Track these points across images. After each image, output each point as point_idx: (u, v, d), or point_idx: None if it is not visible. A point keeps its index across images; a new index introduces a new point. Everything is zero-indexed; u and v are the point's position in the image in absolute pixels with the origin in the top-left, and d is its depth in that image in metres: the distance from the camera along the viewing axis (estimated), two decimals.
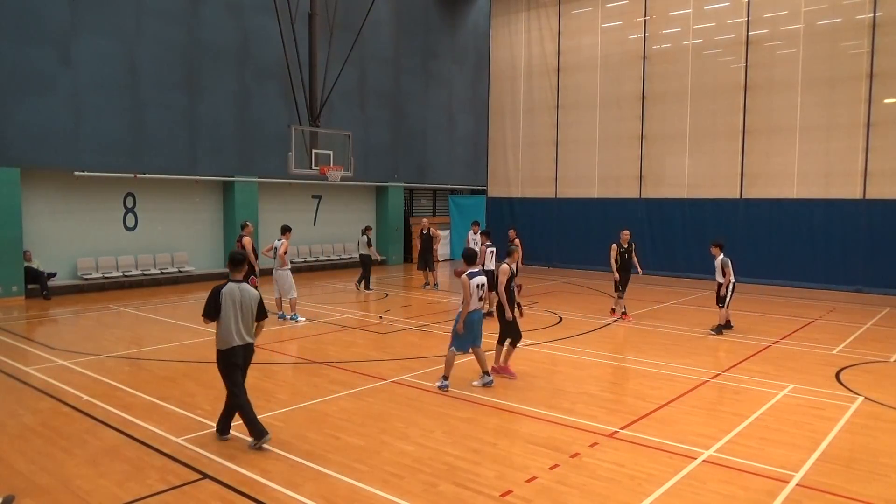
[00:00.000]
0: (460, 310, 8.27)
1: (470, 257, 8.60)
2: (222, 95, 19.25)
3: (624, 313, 13.47)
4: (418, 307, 15.12)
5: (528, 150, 24.01)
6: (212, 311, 6.38)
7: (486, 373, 8.51)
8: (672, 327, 12.58)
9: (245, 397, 6.49)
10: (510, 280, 8.70)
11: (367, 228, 17.66)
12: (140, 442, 6.51)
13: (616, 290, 13.47)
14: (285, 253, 13.08)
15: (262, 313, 6.65)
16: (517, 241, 16.27)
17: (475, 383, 8.48)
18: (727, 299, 11.81)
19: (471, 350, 8.43)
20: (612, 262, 13.34)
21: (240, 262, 6.72)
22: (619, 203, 21.58)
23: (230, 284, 6.50)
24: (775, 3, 18.54)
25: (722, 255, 11.93)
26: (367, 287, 17.46)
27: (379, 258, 18.21)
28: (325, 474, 5.76)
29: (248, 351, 6.57)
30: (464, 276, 8.24)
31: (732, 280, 11.81)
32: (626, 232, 13.53)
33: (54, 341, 11.20)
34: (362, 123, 23.00)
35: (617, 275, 13.32)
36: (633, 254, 13.48)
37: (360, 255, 17.41)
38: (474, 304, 8.25)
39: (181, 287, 17.86)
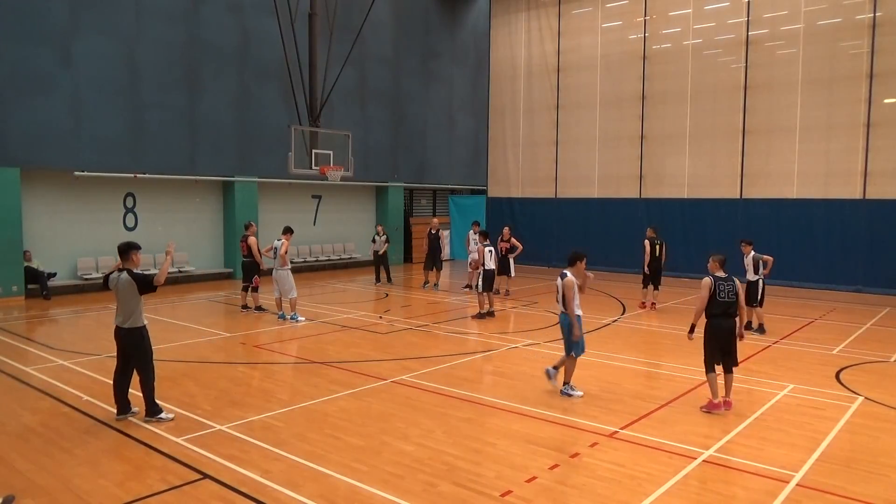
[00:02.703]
0: (562, 312, 8.04)
1: (572, 259, 8.19)
2: (222, 95, 19.25)
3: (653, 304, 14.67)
4: (418, 307, 15.12)
5: (528, 150, 24.00)
6: (104, 286, 7.26)
7: (556, 367, 8.27)
8: (672, 327, 12.58)
9: (115, 377, 7.18)
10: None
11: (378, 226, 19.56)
12: (140, 442, 6.51)
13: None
14: (285, 253, 13.11)
15: (144, 288, 7.04)
16: (513, 239, 16.41)
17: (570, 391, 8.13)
18: (758, 297, 11.79)
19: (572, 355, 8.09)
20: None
21: (123, 252, 7.15)
22: (619, 203, 21.58)
23: (115, 272, 7.14)
24: (775, 3, 18.54)
25: (753, 253, 11.92)
26: (388, 280, 18.90)
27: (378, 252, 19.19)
28: (325, 474, 5.76)
29: (122, 335, 7.11)
30: (568, 277, 7.98)
31: (762, 278, 11.89)
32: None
33: (54, 341, 11.20)
34: (362, 123, 23.00)
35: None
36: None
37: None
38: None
39: (181, 287, 17.85)
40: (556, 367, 8.29)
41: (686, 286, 18.52)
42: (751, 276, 11.88)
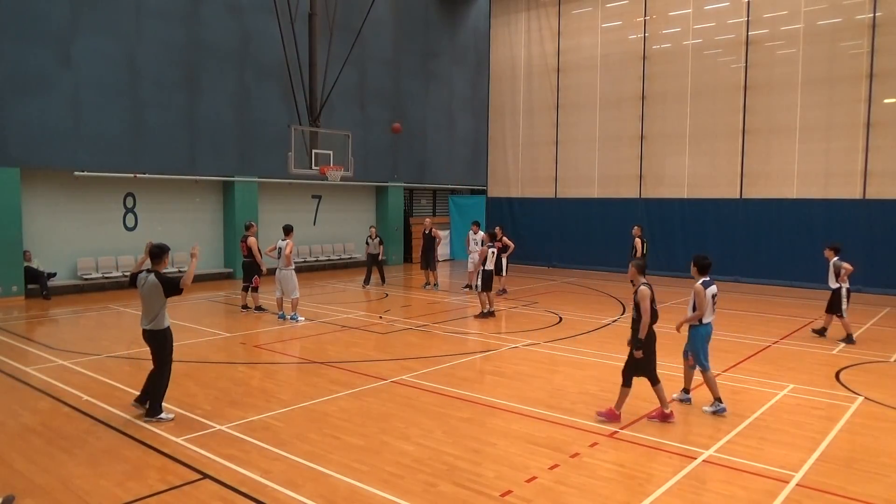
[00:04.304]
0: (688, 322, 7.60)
1: (703, 266, 7.63)
2: (222, 95, 19.24)
3: None
4: (418, 307, 15.12)
5: (528, 150, 24.01)
6: (130, 285, 7.31)
7: (685, 390, 7.79)
8: (672, 327, 12.54)
9: (151, 374, 7.25)
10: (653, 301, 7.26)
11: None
12: (140, 442, 6.50)
13: None
14: (290, 253, 13.10)
15: (170, 290, 7.02)
16: (505, 238, 16.41)
17: (674, 396, 7.78)
18: (841, 305, 11.15)
19: (687, 363, 7.75)
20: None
21: (156, 255, 7.16)
22: (619, 203, 21.58)
23: (142, 273, 7.17)
24: (775, 3, 18.54)
25: (836, 259, 11.24)
26: (382, 280, 18.75)
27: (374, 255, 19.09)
28: (325, 474, 5.76)
29: (146, 335, 7.18)
30: (697, 284, 7.52)
31: (846, 285, 11.18)
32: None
33: (54, 341, 11.20)
34: (362, 123, 23.00)
35: None
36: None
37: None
38: (710, 316, 7.57)
39: None
40: (719, 397, 7.54)
41: (686, 286, 18.51)
42: (832, 284, 11.28)
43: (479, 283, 13.67)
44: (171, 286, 7.00)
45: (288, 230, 13.32)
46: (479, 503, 5.23)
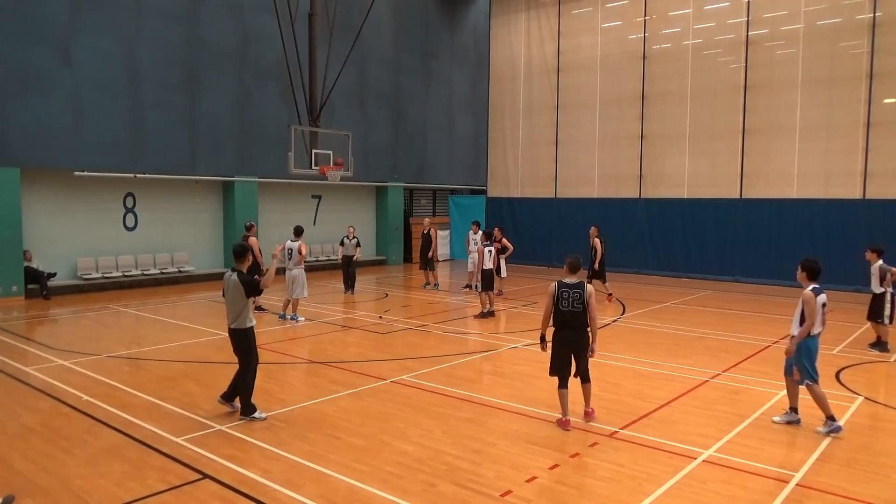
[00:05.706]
0: (793, 333, 7.13)
1: (814, 270, 7.13)
2: (222, 95, 19.24)
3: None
4: (418, 307, 15.13)
5: (528, 150, 24.01)
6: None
7: (793, 409, 7.09)
8: (672, 327, 12.58)
9: (236, 374, 7.34)
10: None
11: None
12: (140, 442, 6.50)
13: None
14: (304, 253, 13.25)
15: (251, 291, 7.09)
16: (504, 239, 16.38)
17: (777, 419, 7.13)
18: (885, 311, 10.44)
19: (792, 379, 7.16)
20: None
21: (239, 255, 7.24)
22: (619, 203, 21.59)
23: (228, 272, 7.25)
24: (775, 3, 18.54)
25: (881, 262, 10.49)
26: (351, 288, 16.98)
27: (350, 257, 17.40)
28: (325, 474, 5.76)
29: (230, 334, 7.29)
30: (807, 291, 7.04)
31: (891, 290, 10.46)
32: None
33: (54, 341, 11.20)
34: (362, 123, 23.00)
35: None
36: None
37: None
38: (818, 327, 7.06)
39: (181, 287, 17.85)
40: (832, 416, 6.92)
41: (686, 286, 18.56)
42: (875, 288, 10.55)
43: (479, 282, 13.71)
44: (252, 287, 7.08)
45: (299, 231, 13.40)
46: (479, 503, 5.23)
